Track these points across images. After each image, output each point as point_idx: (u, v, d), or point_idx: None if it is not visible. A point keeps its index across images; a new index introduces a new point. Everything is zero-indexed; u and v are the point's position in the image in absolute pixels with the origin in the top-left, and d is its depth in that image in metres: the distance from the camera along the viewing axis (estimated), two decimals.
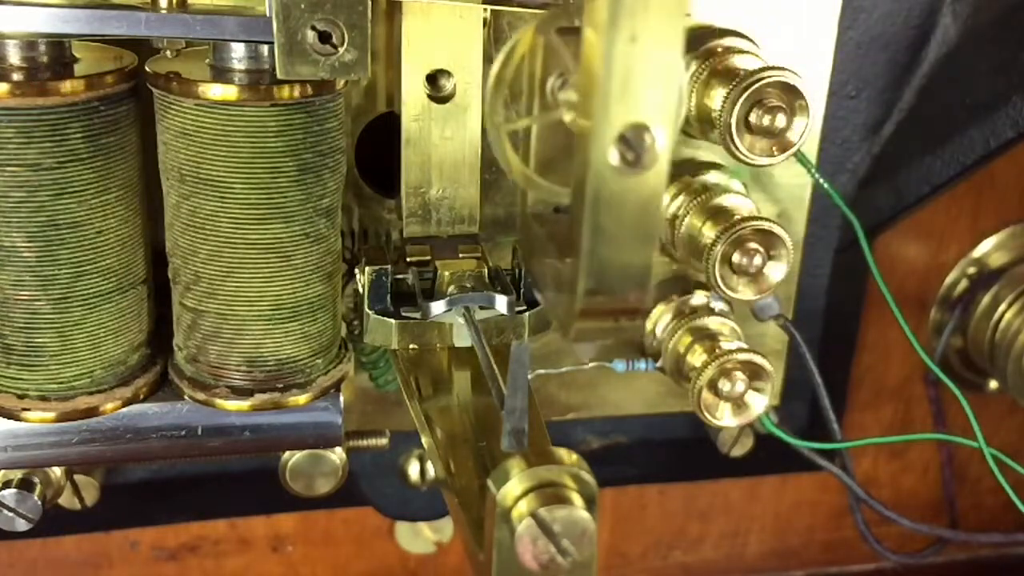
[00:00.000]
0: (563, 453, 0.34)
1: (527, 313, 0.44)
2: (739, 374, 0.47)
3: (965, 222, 0.61)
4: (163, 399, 0.44)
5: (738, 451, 0.58)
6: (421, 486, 0.57)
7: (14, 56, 0.39)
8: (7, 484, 0.47)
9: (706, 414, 0.48)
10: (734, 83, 0.41)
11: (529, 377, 0.46)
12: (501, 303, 0.43)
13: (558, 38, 0.35)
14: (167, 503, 0.57)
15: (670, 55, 0.28)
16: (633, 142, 0.29)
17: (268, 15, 0.38)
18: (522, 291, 0.45)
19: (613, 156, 0.29)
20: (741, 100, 0.41)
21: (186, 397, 0.44)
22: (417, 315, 0.43)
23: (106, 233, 0.41)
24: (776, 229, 0.45)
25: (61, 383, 0.42)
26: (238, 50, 0.40)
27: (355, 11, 0.38)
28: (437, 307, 0.42)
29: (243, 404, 0.43)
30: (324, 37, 0.38)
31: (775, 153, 0.43)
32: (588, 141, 0.29)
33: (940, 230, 0.61)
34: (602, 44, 0.28)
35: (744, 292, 0.46)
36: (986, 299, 0.61)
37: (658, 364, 0.51)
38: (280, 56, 0.38)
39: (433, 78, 0.45)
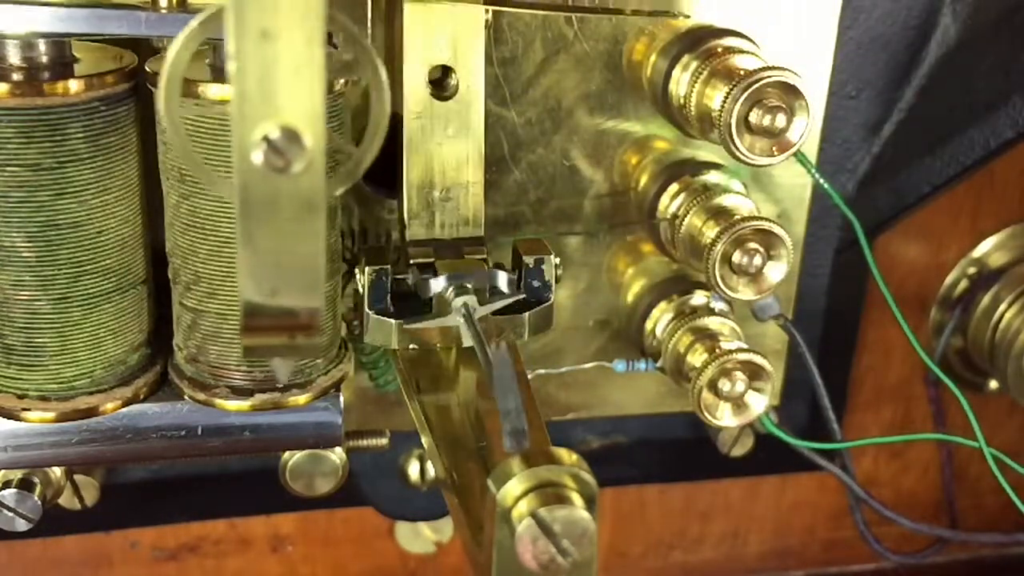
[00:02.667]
0: (563, 453, 0.34)
1: (527, 313, 0.44)
2: (739, 374, 0.47)
3: (965, 222, 0.61)
4: (163, 399, 0.44)
5: (738, 451, 0.58)
6: (421, 486, 0.57)
7: (14, 56, 0.39)
8: (7, 484, 0.46)
9: (706, 414, 0.48)
10: (734, 83, 0.41)
11: (529, 377, 0.46)
12: (502, 279, 0.43)
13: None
14: (167, 503, 0.57)
15: (310, 51, 0.27)
16: (278, 144, 0.27)
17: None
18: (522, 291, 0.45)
19: (257, 159, 0.27)
20: (741, 100, 0.41)
21: (186, 397, 0.44)
22: (417, 318, 0.43)
23: (106, 233, 0.41)
24: (776, 229, 0.45)
25: (61, 383, 0.42)
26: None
27: (354, 12, 0.38)
28: (437, 284, 0.42)
29: (243, 404, 0.43)
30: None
31: (775, 153, 0.43)
32: (233, 144, 0.27)
33: (940, 230, 0.61)
34: (232, 41, 0.26)
35: (744, 292, 0.46)
36: (986, 299, 0.61)
37: (658, 364, 0.51)
38: None
39: (435, 76, 0.45)
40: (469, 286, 0.43)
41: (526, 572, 0.33)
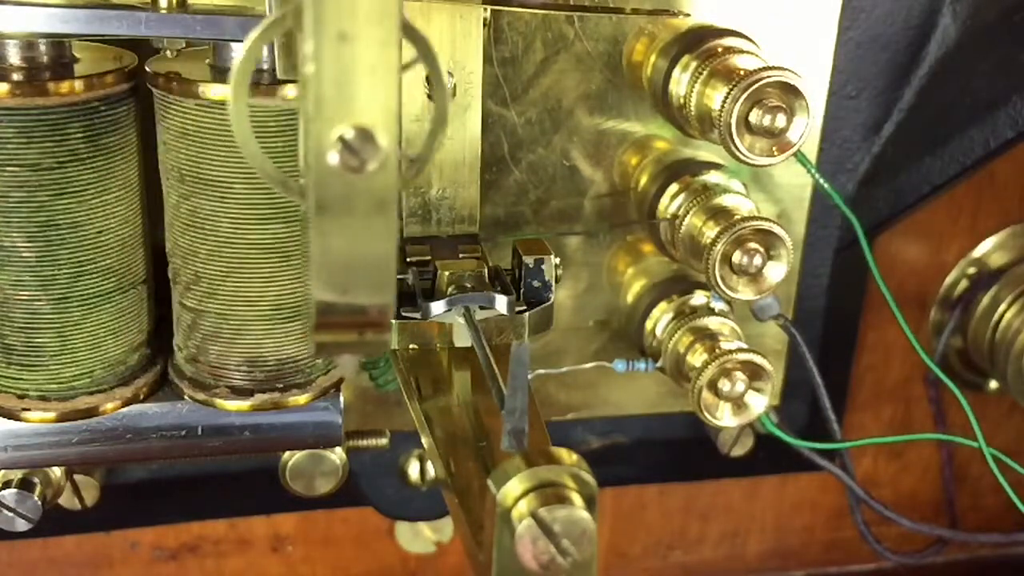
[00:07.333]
0: (563, 453, 0.34)
1: (527, 313, 0.44)
2: (739, 374, 0.47)
3: (965, 222, 0.61)
4: (163, 399, 0.44)
5: (738, 451, 0.58)
6: (421, 486, 0.57)
7: (14, 56, 0.39)
8: (7, 484, 0.46)
9: (706, 414, 0.48)
10: (734, 83, 0.41)
11: (529, 377, 0.46)
12: (501, 303, 0.43)
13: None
14: (167, 503, 0.57)
15: (386, 53, 0.27)
16: (354, 144, 0.27)
17: (268, 15, 0.38)
18: (522, 291, 0.45)
19: (333, 159, 0.27)
20: (741, 100, 0.41)
21: (186, 397, 0.44)
22: (417, 315, 0.43)
23: (106, 233, 0.41)
24: (776, 229, 0.45)
25: (61, 383, 0.42)
26: (238, 50, 0.40)
27: None
28: (437, 307, 0.42)
29: (243, 404, 0.44)
30: None
31: (775, 153, 0.43)
32: (307, 143, 0.28)
33: (940, 230, 0.61)
34: (310, 43, 0.26)
35: (744, 292, 0.46)
36: (986, 299, 0.61)
37: (658, 364, 0.51)
38: (280, 56, 0.38)
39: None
40: (469, 286, 0.43)
41: (526, 572, 0.33)
